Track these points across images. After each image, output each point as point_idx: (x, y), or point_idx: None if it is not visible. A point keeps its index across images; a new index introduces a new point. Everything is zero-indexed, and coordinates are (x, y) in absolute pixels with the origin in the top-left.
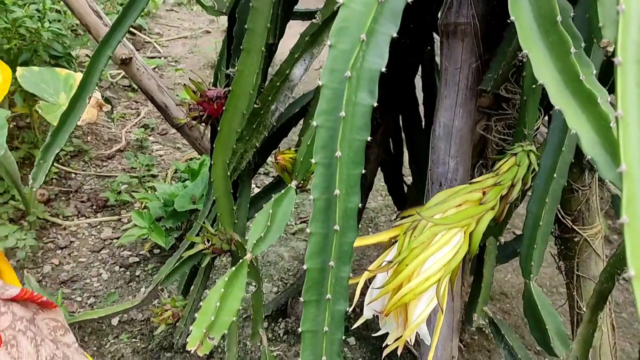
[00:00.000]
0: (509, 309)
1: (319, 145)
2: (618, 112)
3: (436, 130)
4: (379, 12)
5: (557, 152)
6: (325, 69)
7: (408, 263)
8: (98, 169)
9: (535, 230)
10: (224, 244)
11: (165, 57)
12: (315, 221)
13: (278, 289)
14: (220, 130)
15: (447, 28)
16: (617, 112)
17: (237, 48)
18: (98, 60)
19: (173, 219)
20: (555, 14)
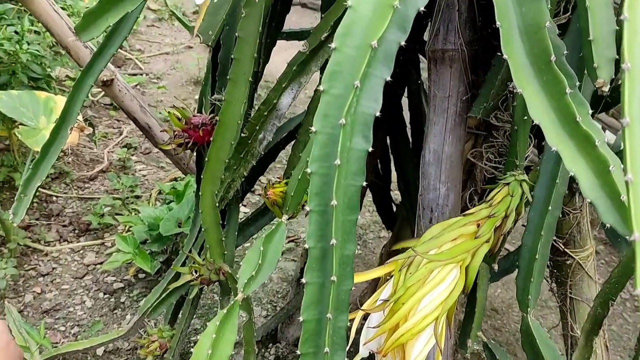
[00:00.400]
0: (500, 325)
1: (313, 192)
2: (628, 176)
3: (426, 156)
4: (373, 57)
5: (551, 184)
6: (318, 115)
7: (404, 302)
8: (80, 191)
9: (531, 263)
10: (212, 274)
11: (146, 73)
12: (311, 270)
13: (267, 312)
14: (208, 160)
15: (435, 54)
16: (627, 176)
17: (222, 74)
18: (80, 89)
19: (158, 243)
20: (549, 53)
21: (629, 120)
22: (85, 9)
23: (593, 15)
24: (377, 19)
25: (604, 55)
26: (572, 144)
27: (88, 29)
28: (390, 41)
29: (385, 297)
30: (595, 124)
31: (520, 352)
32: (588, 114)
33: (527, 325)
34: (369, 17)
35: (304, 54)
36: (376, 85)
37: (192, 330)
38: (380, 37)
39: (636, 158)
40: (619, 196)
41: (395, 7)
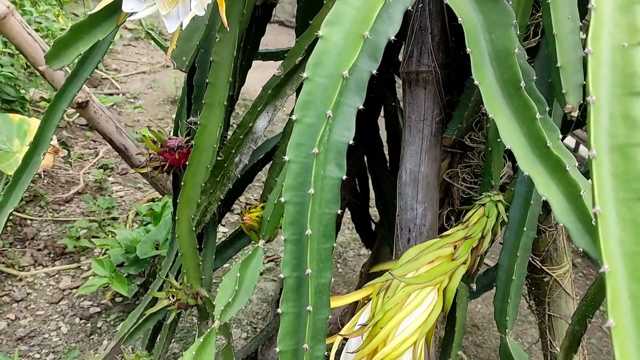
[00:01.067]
0: (481, 341)
1: (287, 221)
2: (596, 208)
3: (402, 176)
4: (345, 86)
5: (525, 205)
6: (291, 144)
7: (383, 325)
8: (55, 214)
9: (508, 284)
10: (189, 298)
11: (123, 93)
12: (287, 301)
13: (247, 334)
14: (184, 185)
15: (409, 76)
16: (596, 208)
17: (197, 97)
18: (53, 114)
19: (135, 266)
20: (519, 79)
21: (595, 152)
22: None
23: (560, 43)
24: (348, 48)
25: (571, 81)
26: (543, 169)
27: (59, 57)
28: (361, 70)
29: (364, 321)
30: (565, 149)
31: None
32: (558, 139)
33: (505, 346)
34: (340, 46)
35: (279, 78)
36: (349, 114)
37: (171, 354)
38: (351, 67)
39: (603, 190)
40: (590, 220)
41: (365, 37)
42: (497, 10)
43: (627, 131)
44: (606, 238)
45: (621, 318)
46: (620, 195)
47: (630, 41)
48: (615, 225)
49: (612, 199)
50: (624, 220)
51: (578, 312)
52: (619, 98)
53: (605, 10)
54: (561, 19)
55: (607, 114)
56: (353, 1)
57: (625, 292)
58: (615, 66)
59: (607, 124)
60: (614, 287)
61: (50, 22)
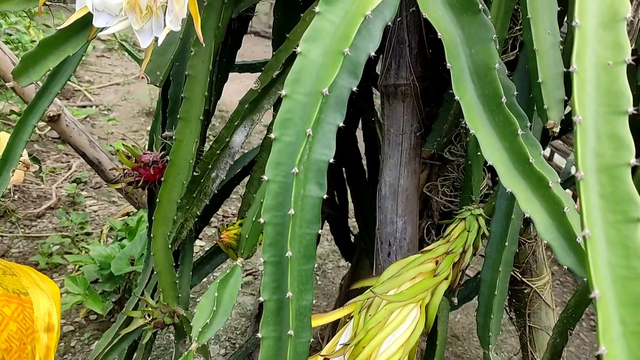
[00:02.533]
0: (461, 352)
1: (266, 242)
2: (585, 231)
3: (382, 190)
4: (324, 103)
5: (506, 220)
6: (270, 163)
7: (365, 345)
8: (27, 230)
9: (491, 299)
10: (166, 317)
11: (96, 105)
12: (267, 325)
13: (226, 350)
14: (160, 201)
15: (388, 89)
16: (585, 231)
17: (172, 111)
18: (22, 130)
19: (110, 282)
20: (500, 95)
21: (583, 174)
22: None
23: (541, 58)
24: (328, 65)
25: (553, 96)
26: (526, 185)
27: (27, 73)
28: (341, 87)
29: (345, 340)
30: (547, 165)
31: None
32: (540, 154)
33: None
34: (319, 63)
35: (255, 92)
36: (329, 132)
37: None
38: (331, 84)
39: (592, 212)
40: (575, 237)
41: (345, 53)
42: (477, 24)
43: (613, 151)
44: (595, 262)
45: (613, 345)
46: (608, 218)
47: (615, 59)
48: (604, 248)
49: (600, 221)
50: (613, 244)
51: (559, 324)
52: (604, 117)
53: (589, 28)
54: (541, 34)
55: (593, 134)
56: (332, 17)
57: (615, 318)
58: (601, 85)
59: (594, 144)
60: (605, 313)
61: (21, 34)
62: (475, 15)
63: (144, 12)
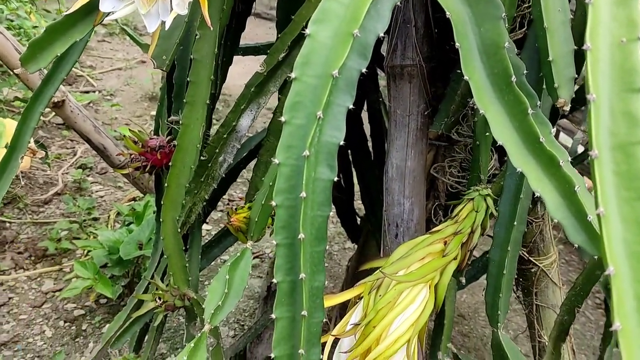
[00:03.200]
0: (467, 331)
1: (279, 225)
2: (600, 209)
3: (389, 172)
4: (334, 85)
5: (515, 200)
6: (281, 146)
7: (375, 324)
8: (35, 216)
9: (499, 279)
10: (176, 300)
11: (99, 90)
12: (281, 305)
13: (235, 332)
14: (168, 186)
15: (394, 70)
16: (599, 209)
17: (177, 96)
18: (29, 117)
19: (119, 267)
20: (509, 74)
21: (598, 152)
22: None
23: (551, 36)
24: (337, 47)
25: (563, 74)
26: (536, 165)
27: (35, 59)
28: (351, 69)
29: (356, 320)
30: (558, 143)
31: (488, 357)
32: (550, 133)
33: (497, 340)
34: (329, 45)
35: (261, 75)
36: (339, 114)
37: (159, 355)
38: (341, 66)
39: (607, 190)
40: (586, 216)
41: (355, 35)
42: (485, 2)
43: (628, 129)
44: (610, 239)
45: (627, 320)
46: (623, 194)
47: (629, 36)
48: (619, 225)
49: (614, 198)
50: (628, 220)
51: (566, 302)
52: (618, 95)
53: (603, 5)
54: (551, 12)
55: (607, 112)
56: None
57: (630, 294)
58: (615, 62)
59: (608, 122)
60: (620, 289)
61: (22, 19)
62: None
63: None
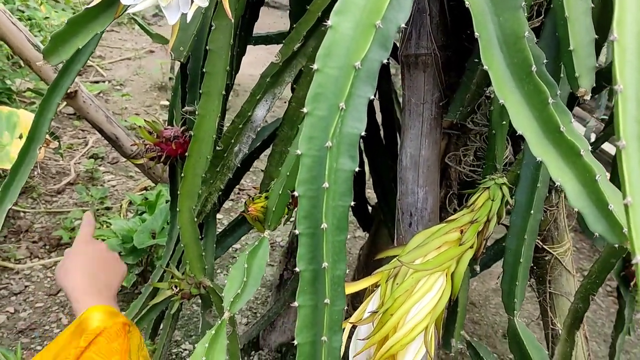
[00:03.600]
0: (478, 318)
1: (301, 215)
2: (627, 199)
3: (403, 161)
4: (356, 76)
5: (532, 188)
6: (303, 137)
7: (393, 312)
8: (48, 205)
9: (516, 267)
10: (192, 288)
11: (109, 80)
12: (303, 294)
13: (248, 319)
14: (185, 176)
15: (408, 59)
16: (627, 199)
17: (192, 86)
18: (46, 108)
19: (133, 255)
20: (530, 63)
21: (625, 142)
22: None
23: (572, 25)
24: (360, 38)
25: (584, 64)
26: (557, 154)
27: (57, 52)
28: (372, 60)
29: (373, 308)
30: (578, 132)
31: (499, 344)
32: (570, 122)
33: (514, 327)
34: (351, 36)
35: (277, 65)
36: (360, 105)
37: (173, 342)
38: (363, 57)
39: (634, 180)
40: (607, 205)
41: (377, 26)
42: None
43: None
44: (637, 229)
45: None
46: None
47: None
48: None
49: None
50: None
51: (581, 289)
52: None
53: None
54: (572, 1)
55: (634, 102)
56: None
57: None
58: None
59: (635, 112)
60: None
61: (33, 10)
62: None
63: None
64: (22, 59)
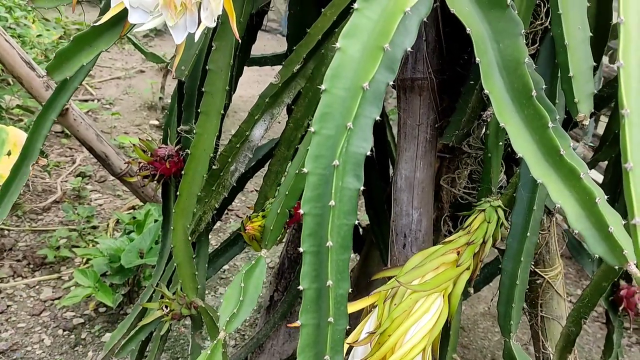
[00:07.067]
0: (467, 343)
1: (306, 233)
2: (636, 220)
3: (398, 182)
4: (363, 97)
5: (528, 211)
6: (310, 156)
7: (390, 333)
8: (33, 224)
9: (512, 289)
10: (183, 308)
11: (98, 99)
12: (306, 312)
13: (235, 342)
14: (180, 194)
15: (404, 83)
16: (635, 220)
17: (188, 105)
18: (41, 125)
19: (120, 275)
20: (530, 89)
21: (632, 165)
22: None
23: (572, 53)
24: (368, 61)
25: (583, 90)
26: (557, 177)
27: (60, 69)
28: (379, 82)
29: (370, 329)
30: (577, 156)
31: None
32: (569, 146)
33: (509, 349)
34: (359, 58)
35: (276, 86)
36: (366, 125)
37: None
38: (371, 79)
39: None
40: (607, 227)
41: (385, 49)
42: (505, 19)
43: None
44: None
45: None
46: None
47: None
48: None
49: None
50: None
51: (573, 313)
52: None
53: (633, 24)
54: (572, 30)
55: (639, 127)
56: (370, 13)
57: None
58: None
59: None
60: None
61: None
62: (503, 11)
63: (178, 9)
64: (13, 76)
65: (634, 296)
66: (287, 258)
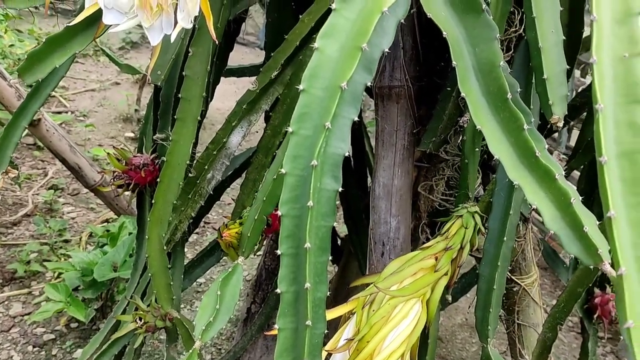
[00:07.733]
0: (445, 353)
1: (284, 235)
2: (611, 212)
3: (376, 190)
4: (341, 97)
5: (504, 216)
6: (288, 156)
7: (369, 339)
8: (3, 238)
9: (489, 294)
10: (158, 320)
11: (72, 111)
12: (284, 316)
13: (212, 356)
14: (155, 202)
15: (382, 91)
16: (610, 212)
17: (164, 113)
18: (12, 132)
19: (92, 289)
20: (505, 91)
21: (607, 158)
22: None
23: (546, 56)
24: (346, 61)
25: (557, 92)
26: (532, 179)
27: (32, 70)
28: (357, 82)
29: (349, 335)
30: (552, 158)
31: None
32: (544, 148)
33: (487, 355)
34: (336, 59)
35: (253, 93)
36: (344, 126)
37: None
38: (349, 79)
39: (615, 195)
40: (582, 227)
41: (363, 49)
42: (480, 24)
43: (632, 138)
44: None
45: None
46: (629, 200)
47: (631, 51)
48: (627, 229)
49: (622, 203)
50: (635, 224)
51: (549, 319)
52: (622, 106)
53: (605, 22)
54: (546, 33)
55: (612, 122)
56: (348, 14)
57: None
58: (618, 76)
59: (614, 132)
60: (631, 290)
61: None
62: (478, 15)
63: (154, 10)
64: None
65: (608, 303)
66: (265, 269)
